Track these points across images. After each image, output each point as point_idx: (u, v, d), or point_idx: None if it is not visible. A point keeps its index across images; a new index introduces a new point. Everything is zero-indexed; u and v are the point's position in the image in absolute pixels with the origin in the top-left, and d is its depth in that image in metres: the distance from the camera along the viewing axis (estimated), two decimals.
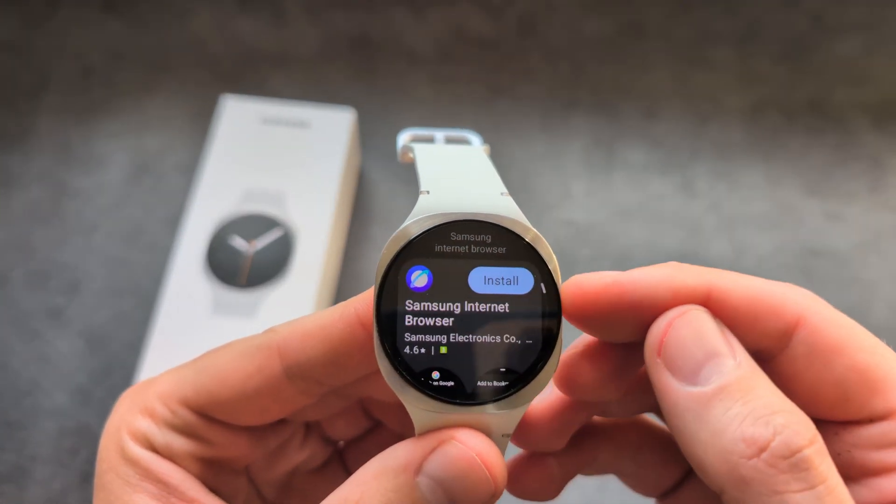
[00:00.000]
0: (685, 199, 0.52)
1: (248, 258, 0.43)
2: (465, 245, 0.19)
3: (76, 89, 0.56)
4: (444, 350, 0.18)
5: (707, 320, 0.19)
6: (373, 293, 0.19)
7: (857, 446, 0.19)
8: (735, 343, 0.19)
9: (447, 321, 0.19)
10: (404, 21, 0.58)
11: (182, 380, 0.22)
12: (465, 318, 0.19)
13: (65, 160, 0.53)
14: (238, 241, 0.44)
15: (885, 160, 0.54)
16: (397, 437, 0.26)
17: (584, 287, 0.19)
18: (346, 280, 0.49)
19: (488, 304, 0.19)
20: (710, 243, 0.51)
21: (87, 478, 0.43)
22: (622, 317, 0.20)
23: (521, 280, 0.19)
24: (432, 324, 0.19)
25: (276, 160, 0.46)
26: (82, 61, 0.57)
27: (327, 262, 0.45)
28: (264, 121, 0.48)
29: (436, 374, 0.18)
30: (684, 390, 0.18)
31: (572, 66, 0.57)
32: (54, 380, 0.45)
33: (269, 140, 0.47)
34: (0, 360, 0.46)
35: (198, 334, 0.41)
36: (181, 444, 0.21)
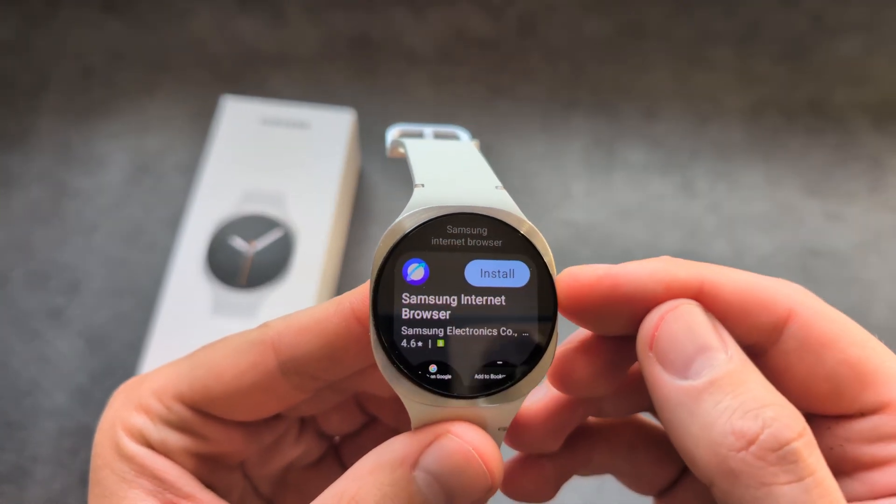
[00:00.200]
0: (685, 199, 0.52)
1: (248, 259, 0.43)
2: (462, 238, 0.19)
3: (76, 89, 0.56)
4: (441, 343, 0.18)
5: (699, 314, 0.19)
6: (369, 287, 0.19)
7: (849, 440, 0.19)
8: (727, 337, 0.19)
9: (444, 314, 0.19)
10: (404, 21, 0.58)
11: (177, 375, 0.22)
12: (461, 312, 0.19)
13: (65, 160, 0.53)
14: (238, 242, 0.44)
15: (885, 160, 0.54)
16: (392, 431, 0.26)
17: (578, 279, 0.19)
18: (346, 280, 0.49)
19: (485, 297, 0.19)
20: (710, 243, 0.51)
21: (87, 478, 0.43)
22: (615, 309, 0.20)
23: (517, 273, 0.19)
24: (429, 317, 0.18)
25: (276, 161, 0.46)
26: (82, 61, 0.57)
27: (327, 263, 0.45)
28: (264, 121, 0.48)
29: (433, 368, 0.18)
30: (676, 384, 0.18)
31: (572, 66, 0.57)
32: (54, 380, 0.45)
33: (269, 140, 0.47)
34: (0, 360, 0.46)
35: (198, 335, 0.41)
36: (176, 439, 0.21)
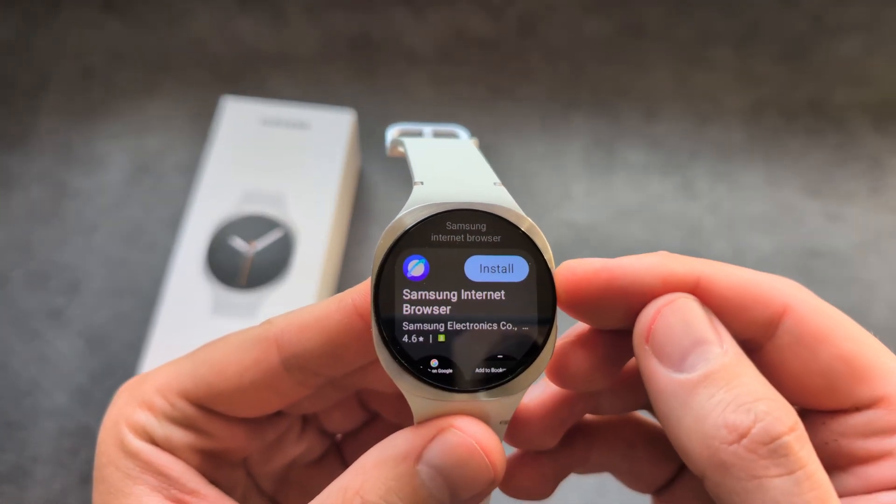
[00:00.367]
0: (685, 199, 0.52)
1: (248, 259, 0.43)
2: (461, 234, 0.19)
3: (76, 89, 0.56)
4: (441, 338, 0.19)
5: (695, 308, 0.19)
6: (370, 283, 0.19)
7: (843, 435, 0.19)
8: (722, 331, 0.19)
9: (444, 309, 0.19)
10: (404, 21, 0.58)
11: (180, 372, 0.22)
12: (462, 306, 0.19)
13: (65, 160, 0.53)
14: (238, 242, 0.44)
15: (885, 160, 0.54)
16: (394, 428, 0.26)
17: (575, 272, 0.20)
18: (346, 280, 0.49)
19: (485, 292, 0.19)
20: (710, 244, 0.51)
21: (87, 478, 0.43)
22: (612, 302, 0.20)
23: (516, 268, 0.19)
24: (430, 312, 0.19)
25: (276, 161, 0.46)
26: (82, 61, 0.57)
27: (327, 263, 0.45)
28: (264, 122, 0.48)
29: (434, 362, 0.19)
30: (671, 377, 0.18)
31: (572, 66, 0.57)
32: (54, 380, 0.45)
33: (269, 141, 0.47)
34: (0, 360, 0.46)
35: (198, 335, 0.41)
36: (180, 436, 0.21)
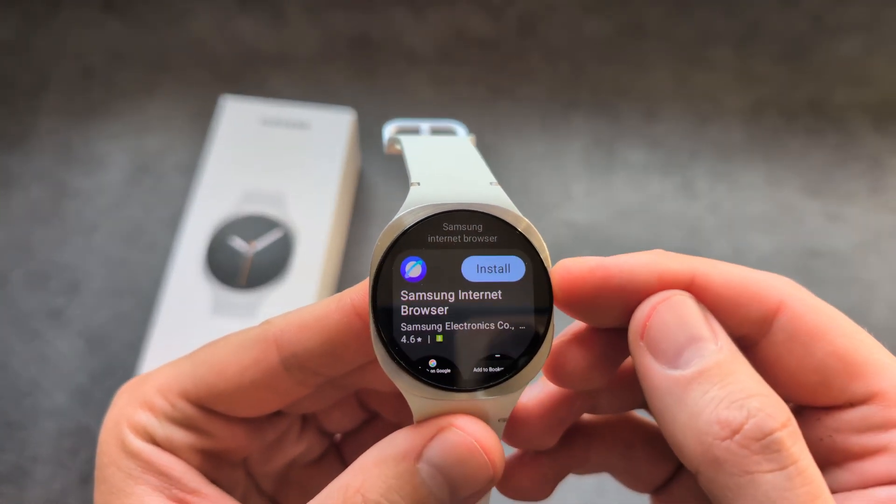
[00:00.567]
0: (685, 199, 0.52)
1: (247, 259, 0.43)
2: (458, 235, 0.19)
3: (76, 89, 0.56)
4: (439, 338, 0.19)
5: (690, 305, 0.19)
6: (368, 284, 0.19)
7: (838, 431, 0.20)
8: (717, 328, 0.19)
9: (442, 310, 0.19)
10: (404, 21, 0.58)
11: (180, 373, 0.22)
12: (459, 307, 0.19)
13: (65, 160, 0.53)
14: (238, 242, 0.44)
15: (885, 160, 0.54)
16: (394, 427, 0.26)
17: (571, 271, 0.20)
18: (346, 280, 0.49)
19: (482, 292, 0.19)
20: (710, 244, 0.51)
21: (87, 478, 0.43)
22: (608, 300, 0.20)
23: (512, 267, 0.19)
24: (427, 313, 0.19)
25: (275, 161, 0.46)
26: (82, 61, 0.57)
27: (327, 263, 0.45)
28: (264, 121, 0.48)
29: (432, 363, 0.19)
30: (666, 373, 0.18)
31: (572, 66, 0.57)
32: (54, 380, 0.45)
33: (268, 141, 0.47)
34: (0, 360, 0.46)
35: (198, 335, 0.41)
36: (181, 436, 0.22)
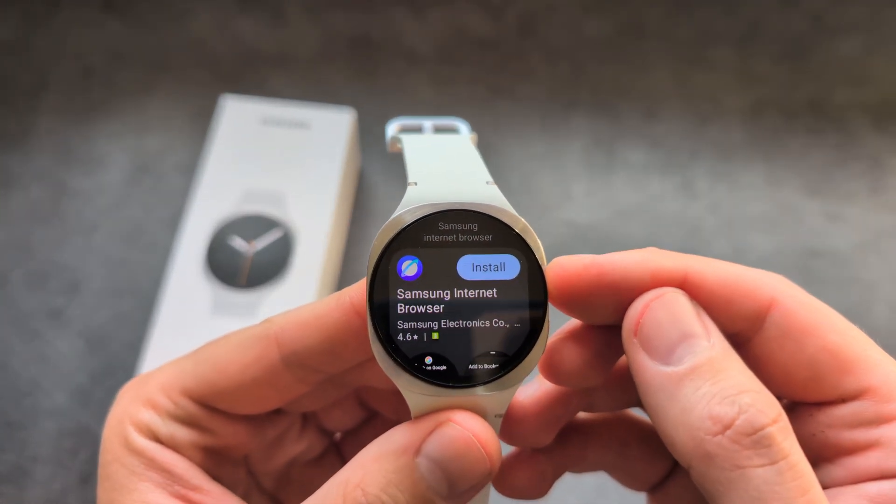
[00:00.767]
0: (685, 199, 0.52)
1: (247, 259, 0.43)
2: (453, 234, 0.20)
3: (76, 89, 0.56)
4: (435, 336, 0.19)
5: (683, 302, 0.19)
6: (365, 283, 0.19)
7: (830, 426, 0.20)
8: (710, 324, 0.19)
9: (438, 308, 0.19)
10: (404, 21, 0.58)
11: (182, 371, 0.22)
12: (454, 305, 0.19)
13: (65, 160, 0.53)
14: (238, 242, 0.44)
15: (885, 160, 0.54)
16: (392, 424, 0.27)
17: (565, 268, 0.20)
18: (346, 281, 0.49)
19: (477, 291, 0.19)
20: (710, 244, 0.51)
21: (87, 478, 0.43)
22: (602, 298, 0.20)
23: (507, 266, 0.20)
24: (423, 311, 0.19)
25: (275, 160, 0.46)
26: (82, 61, 0.57)
27: (327, 263, 0.45)
28: (264, 121, 0.48)
29: (428, 360, 0.19)
30: (658, 369, 0.19)
31: (572, 66, 0.57)
32: (54, 380, 0.45)
33: (268, 140, 0.47)
34: (0, 360, 0.46)
35: (198, 335, 0.41)
36: (184, 434, 0.22)
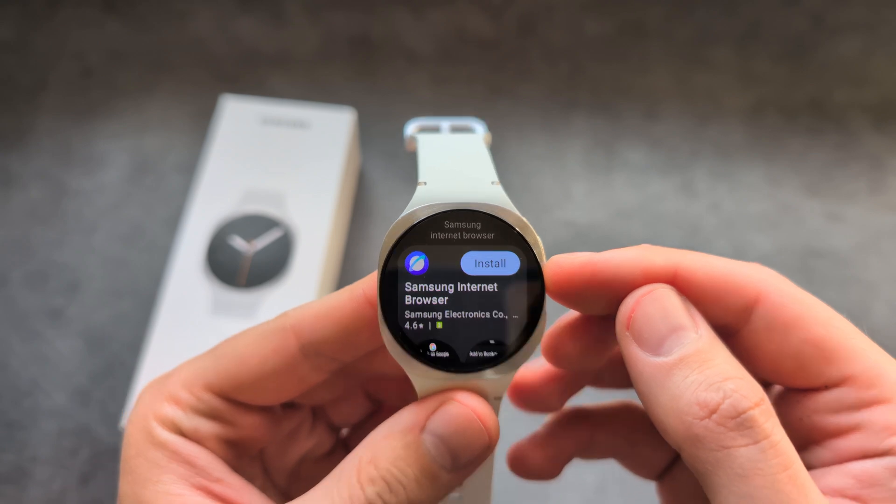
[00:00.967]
0: (685, 199, 0.52)
1: (247, 258, 0.43)
2: (458, 232, 0.21)
3: (76, 89, 0.56)
4: (440, 325, 0.21)
5: (672, 297, 0.21)
6: (376, 277, 0.21)
7: (816, 411, 0.21)
8: (698, 317, 0.21)
9: (442, 300, 0.21)
10: (404, 21, 0.58)
11: (203, 367, 0.23)
12: (458, 297, 0.21)
13: (65, 160, 0.53)
14: (238, 242, 0.44)
15: (885, 160, 0.54)
16: None
17: (562, 266, 0.21)
18: (345, 280, 0.49)
19: (479, 285, 0.21)
20: (710, 243, 0.51)
21: (87, 478, 0.43)
22: (597, 293, 0.22)
23: (508, 262, 0.21)
24: (429, 302, 0.21)
25: (275, 160, 0.46)
26: (82, 61, 0.57)
27: (327, 263, 0.45)
28: (264, 121, 0.48)
29: (433, 346, 0.21)
30: (650, 360, 0.20)
31: (572, 66, 0.57)
32: (54, 380, 0.45)
33: (268, 140, 0.47)
34: (0, 360, 0.46)
35: (198, 334, 0.41)
36: (207, 427, 0.23)
